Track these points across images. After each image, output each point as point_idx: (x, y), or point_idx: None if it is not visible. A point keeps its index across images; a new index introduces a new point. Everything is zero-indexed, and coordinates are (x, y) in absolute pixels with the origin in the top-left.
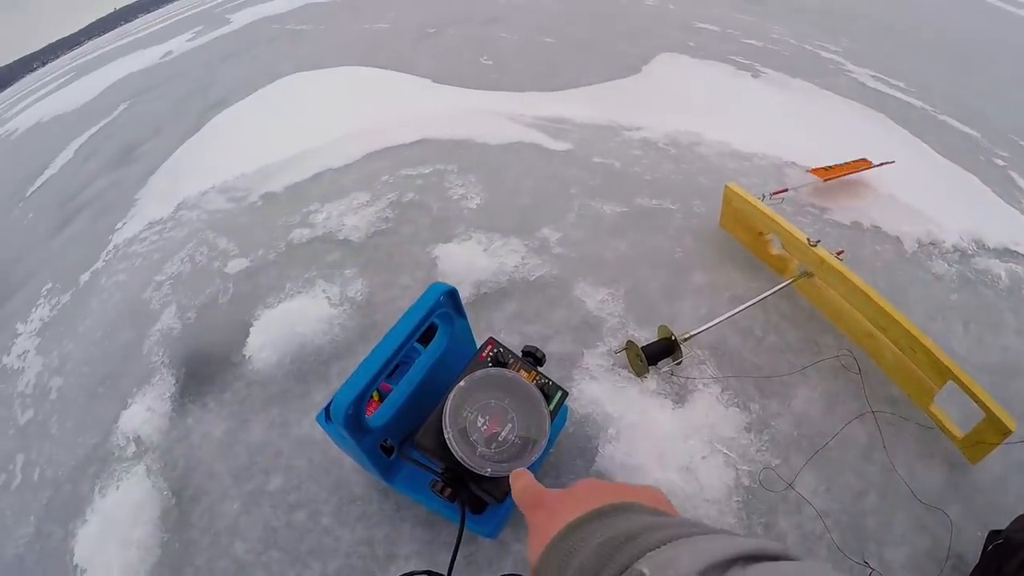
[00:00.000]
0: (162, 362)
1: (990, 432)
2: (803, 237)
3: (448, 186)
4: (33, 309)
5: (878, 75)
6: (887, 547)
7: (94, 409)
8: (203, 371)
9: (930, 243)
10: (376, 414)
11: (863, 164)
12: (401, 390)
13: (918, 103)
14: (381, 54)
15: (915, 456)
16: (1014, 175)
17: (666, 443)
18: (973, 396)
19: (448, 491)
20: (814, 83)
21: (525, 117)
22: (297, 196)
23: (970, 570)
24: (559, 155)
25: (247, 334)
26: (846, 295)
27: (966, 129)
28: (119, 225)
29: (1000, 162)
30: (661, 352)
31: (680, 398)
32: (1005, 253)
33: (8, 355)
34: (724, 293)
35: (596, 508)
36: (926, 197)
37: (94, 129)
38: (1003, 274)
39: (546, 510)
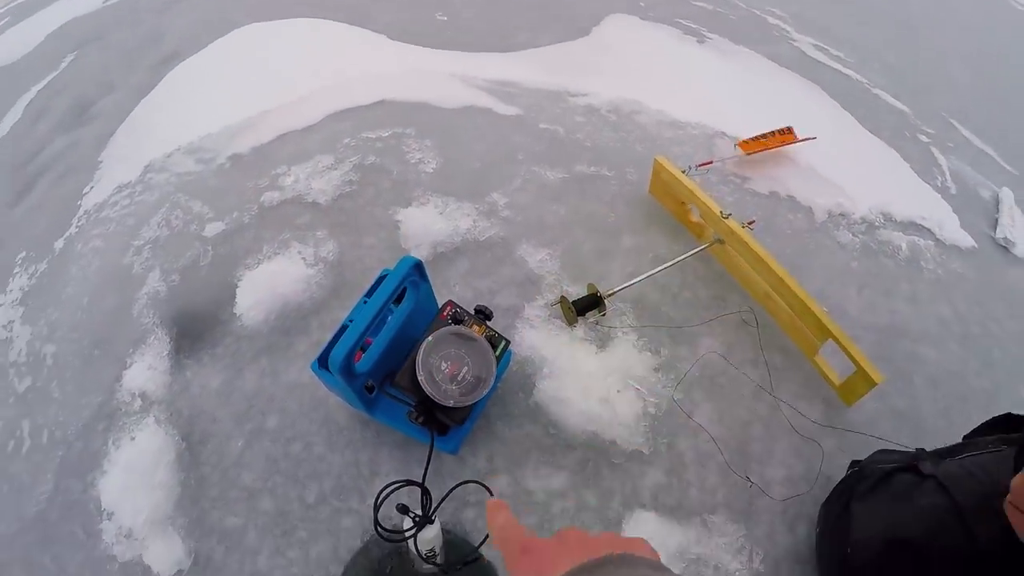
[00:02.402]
0: (154, 323)
1: (860, 383)
2: (717, 209)
3: (406, 150)
4: (10, 279)
5: (820, 44)
6: (767, 467)
7: (92, 372)
8: (194, 329)
9: (840, 214)
10: (361, 361)
11: (788, 138)
12: (379, 342)
13: (854, 75)
14: (337, 4)
15: (798, 397)
16: (935, 151)
17: (589, 380)
18: (847, 353)
19: (420, 419)
20: (756, 50)
21: (478, 80)
22: (263, 158)
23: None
24: (509, 120)
25: (233, 294)
26: (750, 262)
27: (897, 104)
28: (86, 190)
29: (924, 138)
30: (588, 305)
31: (602, 344)
32: (910, 226)
33: None
34: (648, 254)
35: (599, 558)
36: (844, 171)
37: (41, 84)
38: (904, 245)
39: (534, 558)
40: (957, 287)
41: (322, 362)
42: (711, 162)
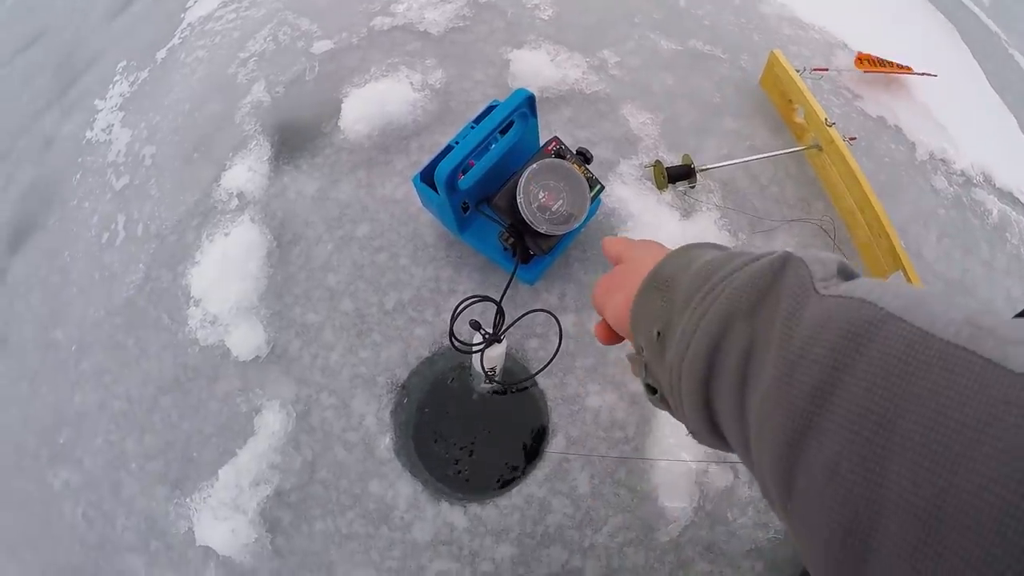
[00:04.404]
0: (256, 130)
1: None
2: (823, 115)
3: None
4: (110, 86)
5: None
6: None
7: (191, 172)
8: (294, 139)
9: (941, 159)
10: (463, 180)
11: (907, 68)
12: (481, 166)
13: (994, 27)
14: None
15: None
16: None
17: (668, 242)
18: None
19: (511, 240)
20: None
21: None
22: None
23: None
24: None
25: (336, 110)
26: (842, 174)
27: None
28: (189, 3)
29: None
30: (681, 175)
31: (686, 213)
32: (1007, 196)
33: (91, 130)
34: (746, 142)
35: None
36: (957, 118)
37: None
38: (995, 211)
39: (643, 247)
40: None
41: (424, 177)
42: (827, 69)
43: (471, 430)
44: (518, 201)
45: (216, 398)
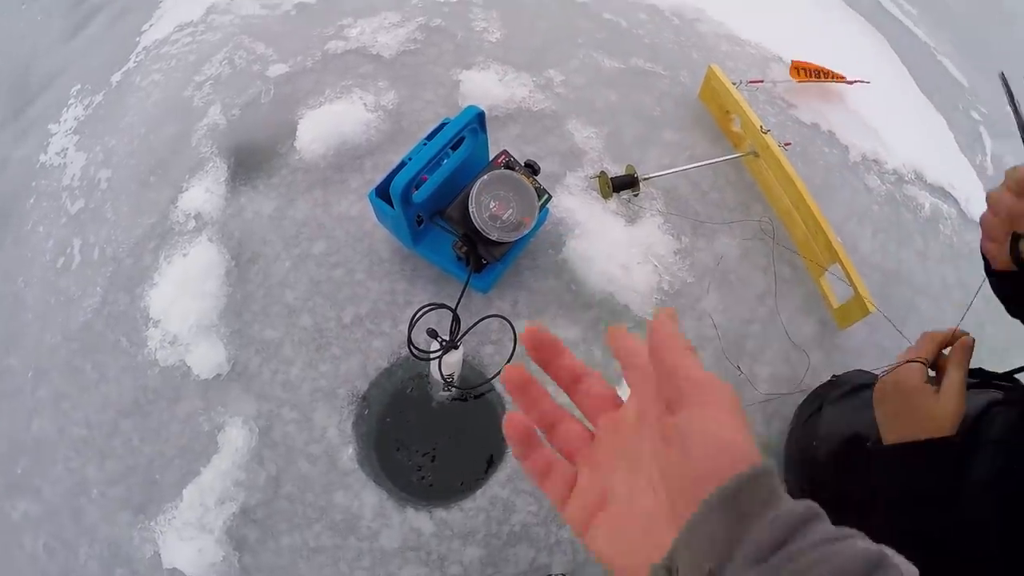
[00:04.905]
0: (212, 152)
1: (856, 309)
2: (759, 123)
3: (472, 17)
4: (64, 110)
5: None
6: (757, 363)
7: (148, 195)
8: (251, 160)
9: (873, 160)
10: (418, 193)
11: (841, 76)
12: (434, 180)
13: (922, 35)
14: None
15: (798, 311)
16: (983, 131)
17: (614, 247)
18: (848, 278)
19: (464, 248)
20: None
21: None
22: (330, 8)
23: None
24: (575, 5)
25: (292, 131)
26: (778, 177)
27: (958, 75)
28: (145, 27)
29: (976, 116)
30: (625, 184)
31: (631, 220)
32: (938, 191)
33: (45, 154)
34: (686, 152)
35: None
36: (888, 121)
37: None
38: (927, 206)
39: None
40: (968, 259)
41: (379, 192)
42: (762, 81)
43: (432, 437)
44: (470, 211)
45: (178, 419)
